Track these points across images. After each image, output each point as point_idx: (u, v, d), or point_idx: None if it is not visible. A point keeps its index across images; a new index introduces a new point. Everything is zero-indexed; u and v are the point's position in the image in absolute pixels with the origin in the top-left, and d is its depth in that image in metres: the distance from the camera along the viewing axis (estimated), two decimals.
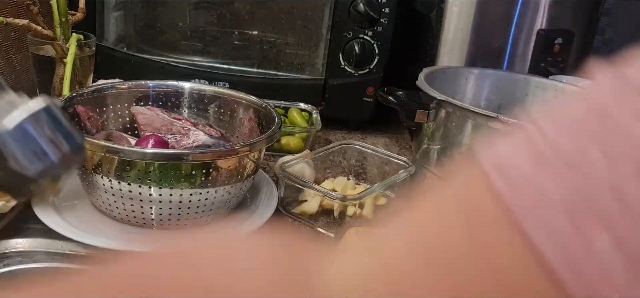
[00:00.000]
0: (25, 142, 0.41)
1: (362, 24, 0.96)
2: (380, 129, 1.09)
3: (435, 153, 0.73)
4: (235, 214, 0.69)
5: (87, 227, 0.61)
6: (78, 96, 0.71)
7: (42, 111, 0.42)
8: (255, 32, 1.00)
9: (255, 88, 0.89)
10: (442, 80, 0.82)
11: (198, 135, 0.71)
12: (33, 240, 0.62)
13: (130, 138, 0.73)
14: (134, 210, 0.61)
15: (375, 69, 0.99)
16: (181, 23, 1.01)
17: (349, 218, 0.71)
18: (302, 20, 0.99)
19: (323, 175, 0.82)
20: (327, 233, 0.69)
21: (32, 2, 0.82)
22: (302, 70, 1.02)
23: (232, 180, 0.63)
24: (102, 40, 1.00)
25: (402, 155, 0.81)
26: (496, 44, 1.03)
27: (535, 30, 1.01)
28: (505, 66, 1.03)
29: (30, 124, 0.41)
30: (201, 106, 0.79)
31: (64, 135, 0.43)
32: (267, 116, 0.73)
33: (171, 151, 0.65)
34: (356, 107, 1.02)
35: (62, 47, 0.82)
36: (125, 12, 1.03)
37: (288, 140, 0.90)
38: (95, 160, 0.60)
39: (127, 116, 0.76)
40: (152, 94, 0.78)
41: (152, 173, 0.59)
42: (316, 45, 1.01)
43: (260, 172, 0.77)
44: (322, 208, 0.72)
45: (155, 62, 1.00)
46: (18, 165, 0.41)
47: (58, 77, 0.84)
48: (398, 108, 0.77)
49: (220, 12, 0.99)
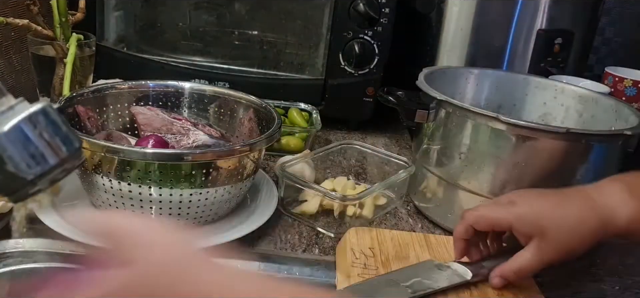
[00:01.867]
0: (22, 145, 0.41)
1: (362, 24, 0.96)
2: (380, 129, 1.09)
3: (435, 153, 0.73)
4: (235, 214, 0.69)
5: None
6: (78, 96, 0.71)
7: (39, 113, 0.42)
8: (255, 32, 1.00)
9: (255, 88, 0.89)
10: (442, 80, 0.82)
11: (198, 135, 0.71)
12: (33, 240, 0.62)
13: (130, 138, 0.73)
14: (134, 210, 0.61)
15: (375, 69, 0.99)
16: (181, 23, 1.01)
17: (349, 218, 0.71)
18: (302, 20, 0.99)
19: (323, 175, 0.82)
20: (327, 233, 0.69)
21: (32, 2, 0.82)
22: (302, 70, 1.02)
23: (232, 180, 0.63)
24: (102, 40, 1.00)
25: (402, 155, 0.81)
26: (496, 44, 1.03)
27: (535, 30, 1.01)
28: (505, 66, 1.03)
29: (26, 125, 0.41)
30: (201, 106, 0.79)
31: (61, 137, 0.43)
32: (267, 116, 0.73)
33: (171, 151, 0.65)
34: (356, 107, 1.02)
35: (62, 47, 0.82)
36: (125, 12, 1.03)
37: (288, 140, 0.90)
38: (95, 160, 0.60)
39: (127, 116, 0.76)
40: (152, 94, 0.78)
41: (152, 174, 0.59)
42: (316, 45, 1.01)
43: (260, 172, 0.77)
44: (322, 208, 0.72)
45: (155, 62, 1.00)
46: (15, 168, 0.41)
47: (58, 77, 0.84)
48: (398, 108, 0.76)
49: (220, 12, 0.99)
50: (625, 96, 1.03)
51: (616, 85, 1.05)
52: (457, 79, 0.88)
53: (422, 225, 0.75)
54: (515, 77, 0.89)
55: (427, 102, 0.74)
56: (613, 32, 1.43)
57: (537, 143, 0.64)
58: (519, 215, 0.55)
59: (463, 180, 0.70)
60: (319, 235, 0.69)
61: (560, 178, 0.65)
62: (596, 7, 1.08)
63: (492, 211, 0.58)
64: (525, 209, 0.55)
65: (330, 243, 0.68)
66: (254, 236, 0.66)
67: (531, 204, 0.56)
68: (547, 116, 0.86)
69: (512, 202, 0.57)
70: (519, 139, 0.65)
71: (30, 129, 0.41)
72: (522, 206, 0.56)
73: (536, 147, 0.64)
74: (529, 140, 0.64)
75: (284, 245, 0.66)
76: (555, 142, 0.64)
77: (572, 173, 0.66)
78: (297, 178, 0.72)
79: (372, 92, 1.00)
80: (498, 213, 0.57)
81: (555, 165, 0.65)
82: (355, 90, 1.00)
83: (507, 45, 1.02)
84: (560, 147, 0.64)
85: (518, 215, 0.55)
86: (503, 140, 0.66)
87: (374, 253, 0.61)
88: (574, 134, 0.64)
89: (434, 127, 0.73)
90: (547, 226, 0.53)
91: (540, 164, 0.65)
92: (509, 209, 0.56)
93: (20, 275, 0.59)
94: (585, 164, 0.66)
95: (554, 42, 1.01)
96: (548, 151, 0.64)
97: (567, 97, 0.84)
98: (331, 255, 0.65)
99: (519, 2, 1.00)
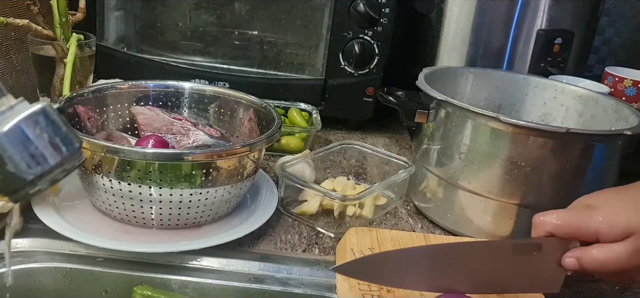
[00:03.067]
0: (22, 145, 0.41)
1: (362, 24, 0.96)
2: (380, 129, 1.09)
3: (435, 153, 0.73)
4: (235, 214, 0.69)
5: (87, 227, 0.61)
6: (78, 96, 0.71)
7: (39, 113, 0.42)
8: (255, 32, 1.00)
9: (255, 88, 0.89)
10: (442, 80, 0.82)
11: (198, 135, 0.71)
12: (33, 240, 0.62)
13: (130, 138, 0.73)
14: (134, 210, 0.61)
15: (375, 69, 0.99)
16: (181, 23, 1.01)
17: (349, 218, 0.71)
18: (302, 20, 0.99)
19: (323, 175, 0.82)
20: (327, 233, 0.70)
21: (32, 2, 0.82)
22: (302, 70, 1.02)
23: (232, 180, 0.63)
24: (102, 40, 1.00)
25: (402, 155, 0.81)
26: (496, 44, 1.03)
27: (535, 30, 1.01)
28: (505, 66, 1.03)
29: (26, 125, 0.41)
30: (201, 106, 0.79)
31: (61, 137, 0.43)
32: (267, 116, 0.73)
33: (171, 151, 0.65)
34: (356, 107, 1.02)
35: (62, 47, 0.82)
36: (125, 12, 1.03)
37: (288, 140, 0.90)
38: (95, 160, 0.60)
39: (127, 116, 0.76)
40: (152, 94, 0.78)
41: (152, 173, 0.59)
42: (316, 45, 1.01)
43: (260, 172, 0.77)
44: (322, 208, 0.72)
45: (155, 62, 1.00)
46: (15, 168, 0.41)
47: (58, 77, 0.84)
48: (398, 108, 0.76)
49: (220, 12, 0.99)
50: (625, 96, 1.03)
51: (616, 85, 1.05)
52: (457, 79, 0.89)
53: (422, 225, 0.75)
54: (515, 77, 0.89)
55: (427, 102, 0.74)
56: (613, 32, 1.43)
57: (537, 143, 0.64)
58: (606, 219, 0.50)
59: (463, 180, 0.70)
60: (319, 235, 0.69)
61: (560, 178, 0.66)
62: (596, 7, 1.08)
63: (574, 217, 0.52)
64: (611, 211, 0.51)
65: (330, 243, 0.68)
66: (254, 236, 0.66)
67: (614, 205, 0.51)
68: (547, 116, 0.86)
69: (590, 207, 0.52)
70: (519, 139, 0.65)
71: (30, 129, 0.41)
72: (606, 211, 0.51)
73: (536, 147, 0.64)
74: (529, 141, 0.64)
75: (284, 245, 0.66)
76: (556, 142, 0.64)
77: (572, 173, 0.66)
78: (297, 178, 0.72)
79: (372, 92, 1.00)
80: (581, 220, 0.52)
81: (555, 166, 0.65)
82: (355, 90, 1.00)
83: (507, 45, 1.02)
84: (560, 147, 0.64)
85: (605, 219, 0.50)
86: (503, 140, 0.66)
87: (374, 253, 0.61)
88: (574, 134, 0.64)
89: (434, 127, 0.73)
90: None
91: (540, 164, 0.65)
92: (591, 214, 0.51)
93: (20, 275, 0.59)
94: (586, 164, 0.66)
95: (554, 42, 1.01)
96: (548, 151, 0.64)
97: (567, 97, 0.85)
98: (331, 255, 0.65)
99: (519, 2, 1.00)
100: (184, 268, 0.61)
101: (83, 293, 0.60)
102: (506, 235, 0.69)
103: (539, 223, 0.53)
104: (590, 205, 0.52)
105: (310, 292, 0.61)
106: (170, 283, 0.60)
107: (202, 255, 0.62)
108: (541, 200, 0.66)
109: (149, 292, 0.58)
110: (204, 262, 0.62)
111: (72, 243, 0.60)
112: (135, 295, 0.58)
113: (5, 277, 0.57)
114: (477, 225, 0.70)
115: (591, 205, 0.52)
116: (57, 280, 0.60)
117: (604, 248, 0.50)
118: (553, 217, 0.53)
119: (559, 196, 0.66)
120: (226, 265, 0.62)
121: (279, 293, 0.60)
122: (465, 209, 0.70)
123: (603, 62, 1.42)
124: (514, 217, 0.68)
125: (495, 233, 0.69)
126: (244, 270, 0.62)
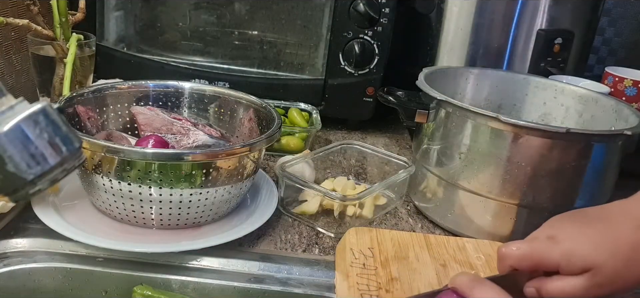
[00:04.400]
0: (22, 145, 0.41)
1: (362, 24, 0.96)
2: (380, 129, 1.09)
3: (435, 153, 0.73)
4: (235, 214, 0.69)
5: (87, 227, 0.61)
6: (78, 96, 0.71)
7: (39, 113, 0.42)
8: (255, 32, 1.00)
9: (255, 88, 0.89)
10: (442, 80, 0.82)
11: (198, 135, 0.71)
12: (33, 240, 0.62)
13: (130, 138, 0.73)
14: (134, 210, 0.61)
15: (375, 69, 0.99)
16: (181, 23, 1.01)
17: (349, 218, 0.71)
18: (302, 20, 0.99)
19: (323, 175, 0.82)
20: (327, 233, 0.70)
21: (32, 2, 0.82)
22: (302, 70, 1.02)
23: (232, 180, 0.63)
24: (102, 40, 1.00)
25: (402, 155, 0.81)
26: (496, 44, 1.03)
27: (535, 30, 1.01)
28: (505, 66, 1.03)
29: (26, 125, 0.41)
30: (201, 106, 0.79)
31: (61, 137, 0.43)
32: (267, 116, 0.73)
33: (171, 151, 0.65)
34: (356, 107, 1.02)
35: (62, 47, 0.82)
36: (125, 12, 1.03)
37: (288, 140, 0.90)
38: (95, 160, 0.60)
39: (127, 116, 0.76)
40: (152, 94, 0.78)
41: (152, 173, 0.59)
42: (316, 45, 1.01)
43: (260, 172, 0.77)
44: (322, 208, 0.72)
45: (155, 62, 1.00)
46: (15, 168, 0.41)
47: (58, 77, 0.84)
48: (398, 108, 0.76)
49: (220, 12, 0.99)
50: (625, 96, 1.03)
51: (616, 85, 1.05)
52: (457, 79, 0.89)
53: (422, 225, 0.75)
54: (515, 77, 0.89)
55: (427, 102, 0.74)
56: (613, 32, 1.43)
57: (537, 143, 0.64)
58: (565, 253, 0.51)
59: (463, 180, 0.70)
60: (319, 235, 0.69)
61: (560, 178, 0.66)
62: (596, 7, 1.08)
63: (535, 250, 0.52)
64: (571, 245, 0.51)
65: (330, 243, 0.68)
66: (254, 236, 0.66)
67: (575, 239, 0.51)
68: (547, 116, 0.86)
69: (552, 238, 0.52)
70: (519, 139, 0.65)
71: (30, 129, 0.41)
72: (566, 242, 0.51)
73: (536, 147, 0.64)
74: (529, 140, 0.64)
75: (284, 245, 0.66)
76: (555, 142, 0.64)
77: (572, 173, 0.66)
78: (297, 178, 0.72)
79: (372, 92, 1.00)
80: (542, 252, 0.52)
81: (555, 166, 0.65)
82: (355, 90, 1.00)
83: (507, 45, 1.02)
84: (560, 147, 0.64)
85: (565, 253, 0.51)
86: (503, 140, 0.66)
87: (374, 253, 0.61)
88: (574, 134, 0.64)
89: (434, 127, 0.73)
90: (601, 262, 0.49)
91: (540, 164, 0.65)
92: (551, 247, 0.52)
93: (20, 275, 0.59)
94: (585, 164, 0.66)
95: (554, 42, 1.01)
96: (548, 151, 0.64)
97: (567, 97, 0.85)
98: (331, 255, 0.65)
99: (519, 2, 1.00)
100: (184, 268, 0.61)
101: (83, 293, 0.60)
102: (506, 235, 0.69)
103: (502, 257, 0.54)
104: (553, 237, 0.53)
105: (310, 292, 0.61)
106: (170, 283, 0.60)
107: (202, 255, 0.62)
108: (541, 200, 0.66)
109: (149, 292, 0.58)
110: (204, 262, 0.62)
111: (72, 243, 0.60)
112: (135, 295, 0.58)
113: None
114: (477, 225, 0.70)
115: (554, 237, 0.53)
116: (57, 280, 0.60)
117: (562, 281, 0.52)
118: (515, 250, 0.53)
119: (558, 196, 0.66)
120: (226, 265, 0.62)
121: (279, 293, 0.60)
122: (466, 209, 0.70)
123: (603, 62, 1.42)
124: (514, 216, 0.68)
125: (495, 233, 0.69)
126: (244, 270, 0.62)
